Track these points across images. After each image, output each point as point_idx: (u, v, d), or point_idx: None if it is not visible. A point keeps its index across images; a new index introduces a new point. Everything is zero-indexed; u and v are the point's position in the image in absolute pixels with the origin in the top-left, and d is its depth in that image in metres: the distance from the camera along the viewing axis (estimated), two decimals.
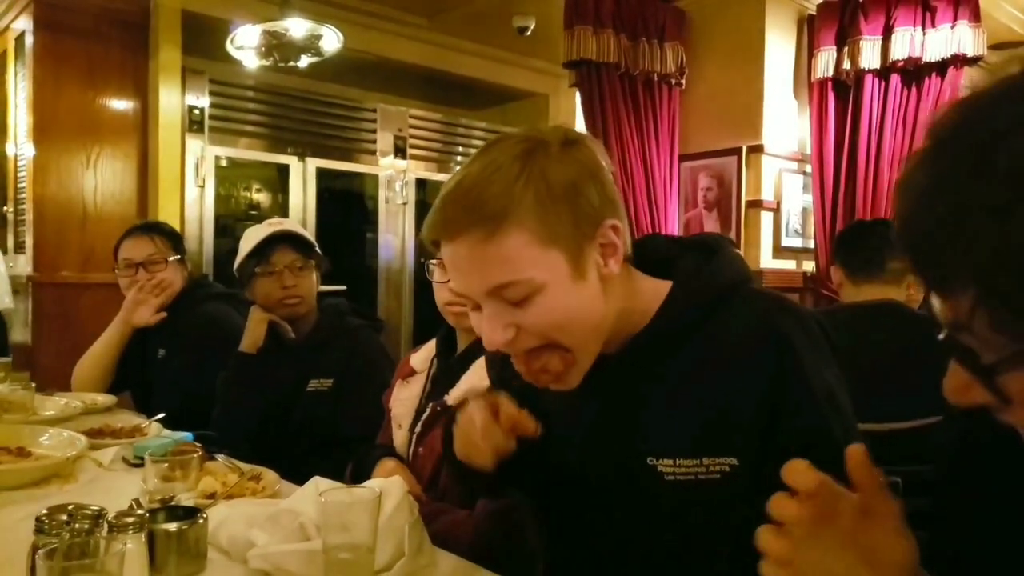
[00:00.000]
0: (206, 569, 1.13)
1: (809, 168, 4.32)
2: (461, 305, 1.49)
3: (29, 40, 3.95)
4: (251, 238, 2.21)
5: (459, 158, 5.28)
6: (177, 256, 2.59)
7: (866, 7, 4.00)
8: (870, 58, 3.98)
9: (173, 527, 1.11)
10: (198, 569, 1.12)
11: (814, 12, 4.26)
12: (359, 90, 5.29)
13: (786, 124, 4.37)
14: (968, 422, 0.65)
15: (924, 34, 3.88)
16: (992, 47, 4.21)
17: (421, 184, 5.12)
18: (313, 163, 4.64)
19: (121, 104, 4.12)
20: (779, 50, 4.32)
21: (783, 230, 4.36)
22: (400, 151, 4.96)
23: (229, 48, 3.51)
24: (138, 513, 1.00)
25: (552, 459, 1.12)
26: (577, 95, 4.33)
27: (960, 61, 3.87)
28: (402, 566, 1.11)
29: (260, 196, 4.72)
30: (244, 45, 3.48)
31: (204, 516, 1.15)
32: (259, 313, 2.21)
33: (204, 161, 4.22)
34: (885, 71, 3.98)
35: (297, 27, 3.36)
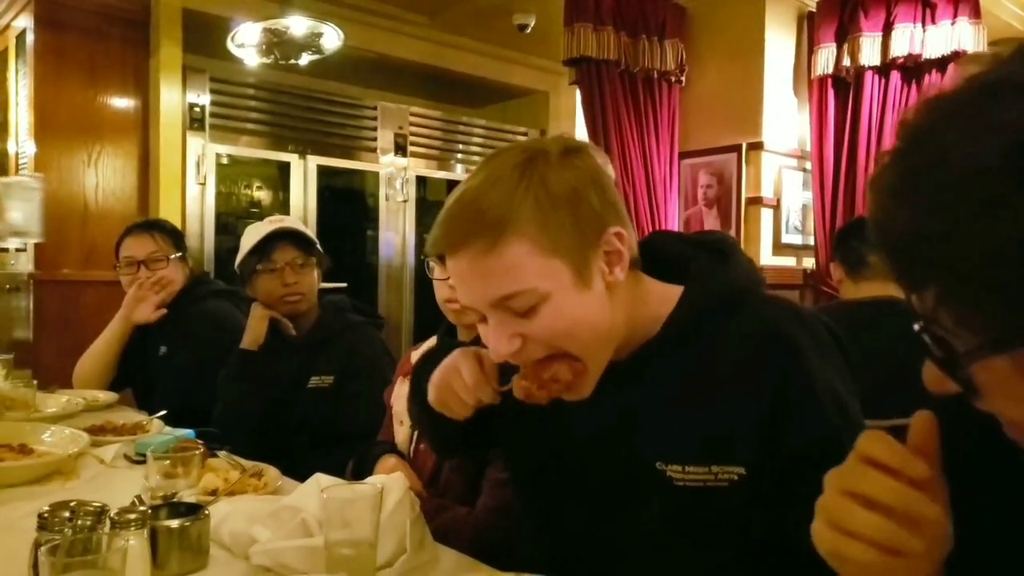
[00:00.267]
0: (208, 565, 1.14)
1: (809, 165, 4.31)
2: (466, 305, 1.49)
3: (30, 38, 3.95)
4: (252, 235, 2.22)
5: (459, 155, 5.28)
6: (178, 254, 2.59)
7: (866, 4, 4.00)
8: (870, 55, 3.98)
9: (175, 523, 1.11)
10: (200, 565, 1.13)
11: (814, 9, 4.25)
12: (360, 88, 5.29)
13: (786, 121, 4.37)
14: (952, 415, 0.65)
15: (924, 31, 3.88)
16: (992, 44, 4.20)
17: (422, 181, 5.12)
18: (314, 161, 4.63)
19: (122, 102, 4.12)
20: (779, 47, 4.32)
21: (783, 227, 4.36)
22: (401, 149, 4.96)
23: (230, 46, 3.52)
24: (140, 509, 1.01)
25: (560, 460, 1.11)
26: (577, 92, 4.33)
27: (960, 58, 3.86)
28: (404, 562, 1.11)
29: (261, 194, 4.72)
30: (245, 43, 3.48)
31: (206, 512, 1.15)
32: (260, 310, 2.21)
33: (205, 159, 4.22)
34: (885, 68, 3.98)
35: (298, 25, 3.37)
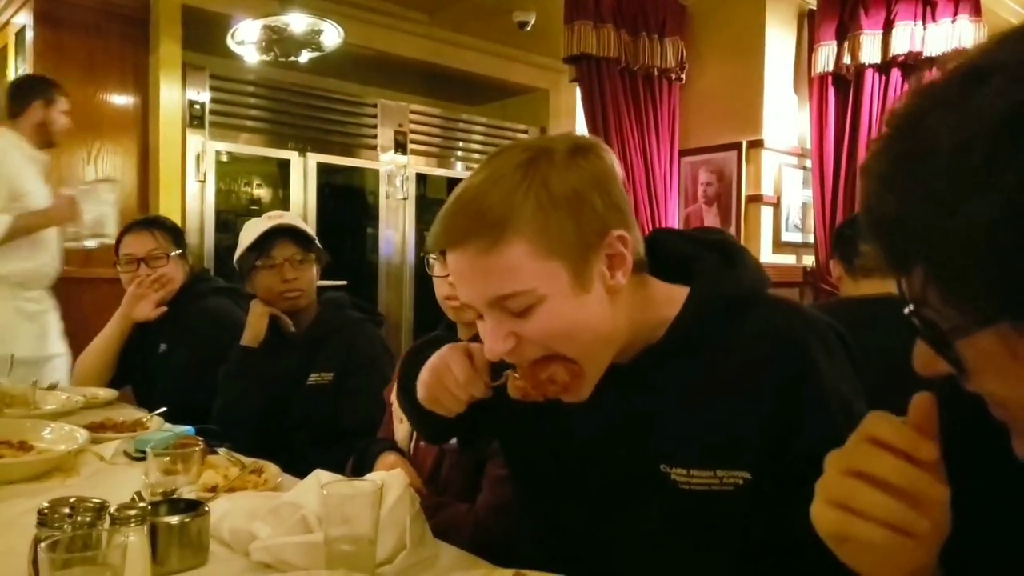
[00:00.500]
0: (208, 562, 1.14)
1: (809, 163, 4.31)
2: (465, 303, 1.49)
3: (29, 35, 3.95)
4: (251, 231, 2.21)
5: (459, 153, 5.28)
6: (178, 251, 2.59)
7: (867, 1, 3.99)
8: (870, 53, 3.97)
9: (175, 520, 1.11)
10: (200, 562, 1.13)
11: (814, 7, 4.25)
12: (359, 85, 5.29)
13: (786, 119, 4.37)
14: (943, 400, 0.66)
15: (925, 29, 3.87)
16: None
17: (422, 179, 5.12)
18: (314, 158, 4.64)
19: (121, 99, 4.12)
20: (779, 45, 4.31)
21: (783, 225, 4.36)
22: (401, 146, 4.96)
23: (230, 43, 3.51)
24: (140, 506, 1.01)
25: (566, 461, 1.11)
26: (577, 90, 4.33)
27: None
28: (404, 558, 1.11)
29: (261, 191, 4.72)
30: (244, 40, 3.48)
31: (206, 509, 1.15)
32: (260, 307, 2.21)
33: (205, 156, 4.22)
34: (885, 66, 3.98)
35: (297, 22, 3.37)
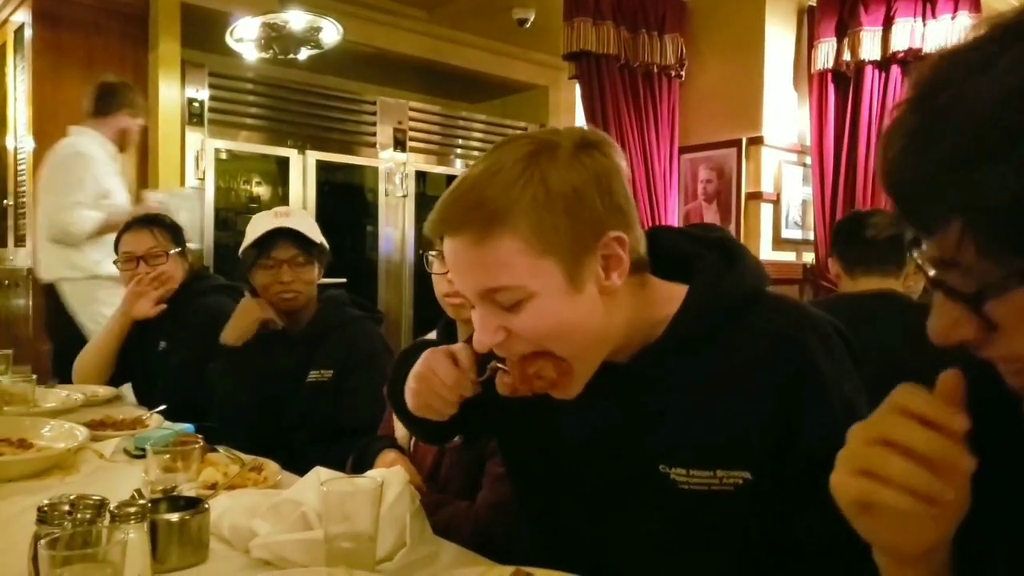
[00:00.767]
0: (208, 559, 1.14)
1: (809, 160, 4.31)
2: (460, 296, 1.49)
3: (28, 33, 3.94)
4: (257, 227, 2.20)
5: (459, 151, 5.27)
6: (177, 249, 2.58)
7: None
8: (870, 49, 3.97)
9: (175, 517, 1.11)
10: (200, 559, 1.13)
11: (814, 3, 4.24)
12: (359, 83, 5.29)
13: (786, 116, 4.37)
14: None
15: (925, 25, 3.87)
16: None
17: (421, 177, 5.12)
18: (313, 156, 4.63)
19: None
20: (779, 41, 4.31)
21: (783, 222, 4.36)
22: (400, 144, 4.96)
23: (229, 41, 3.52)
24: (140, 503, 1.00)
25: (562, 459, 1.11)
26: (577, 87, 4.32)
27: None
28: (404, 556, 1.11)
29: (260, 189, 4.72)
30: (244, 38, 3.48)
31: (206, 506, 1.15)
32: (252, 308, 2.19)
33: (204, 154, 4.22)
34: (885, 62, 3.97)
35: (296, 20, 3.37)
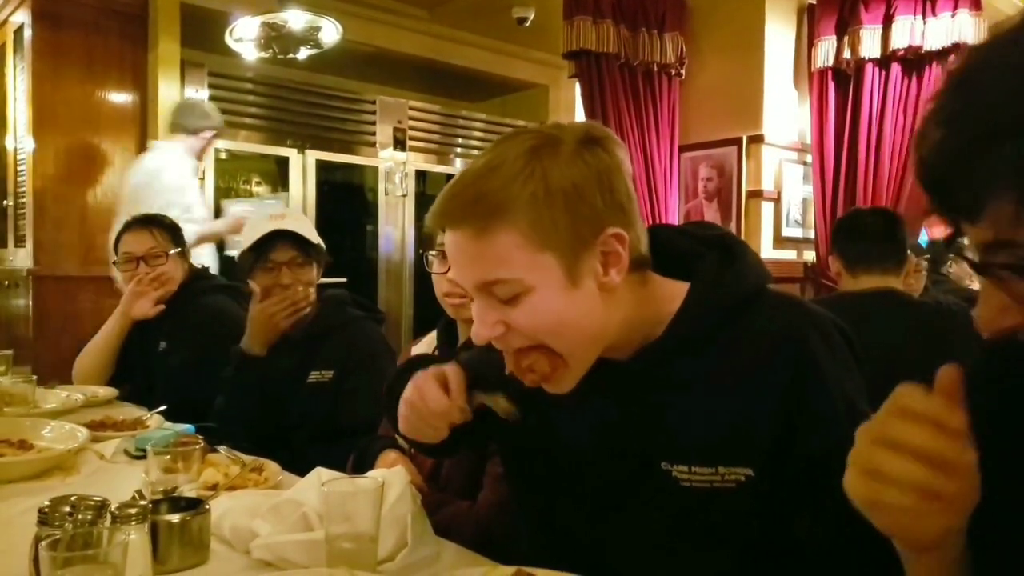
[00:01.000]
0: (209, 560, 1.13)
1: (809, 158, 4.31)
2: (460, 296, 1.49)
3: (28, 33, 3.94)
4: (253, 231, 2.19)
5: (459, 150, 5.27)
6: (177, 249, 2.58)
7: None
8: (870, 47, 3.97)
9: (176, 518, 1.11)
10: (201, 560, 1.13)
11: (814, 1, 4.24)
12: (358, 82, 5.28)
13: (786, 114, 4.36)
14: (977, 376, 0.65)
15: (925, 23, 3.87)
16: None
17: (421, 176, 5.12)
18: (313, 155, 4.63)
19: (120, 97, 4.11)
20: (779, 40, 4.30)
21: (783, 220, 4.35)
22: (400, 143, 4.96)
23: (228, 40, 3.51)
24: (141, 504, 1.00)
25: (560, 459, 1.11)
26: (577, 86, 4.32)
27: (961, 50, 3.85)
28: (405, 556, 1.11)
29: (260, 188, 4.72)
30: (243, 37, 3.48)
31: (206, 507, 1.15)
32: (266, 318, 2.15)
33: (204, 154, 4.20)
34: (885, 60, 3.97)
35: (296, 19, 3.37)
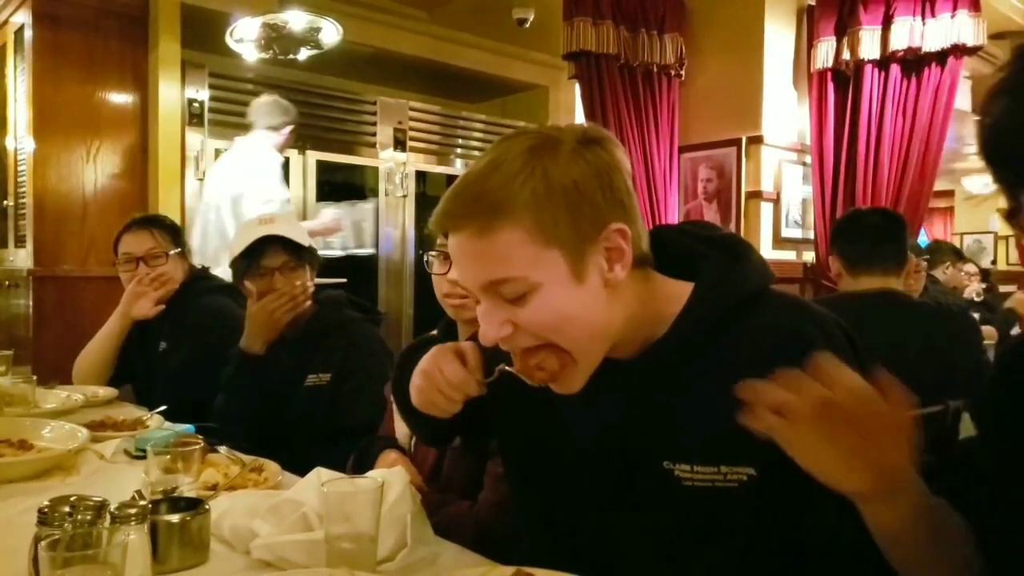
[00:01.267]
0: (208, 560, 1.14)
1: (809, 159, 4.31)
2: (460, 297, 1.49)
3: (28, 34, 3.94)
4: (243, 237, 2.18)
5: (459, 151, 5.27)
6: (177, 249, 2.58)
7: None
8: (870, 48, 3.97)
9: (175, 518, 1.11)
10: (201, 560, 1.13)
11: (813, 2, 4.24)
12: (359, 83, 5.28)
13: (786, 115, 4.36)
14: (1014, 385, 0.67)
15: (924, 24, 3.87)
16: (992, 37, 4.19)
17: (421, 177, 5.11)
18: (313, 156, 4.62)
19: (121, 97, 4.11)
20: (779, 41, 4.31)
21: (783, 221, 4.35)
22: (400, 144, 4.95)
23: (228, 41, 3.51)
24: (140, 504, 1.00)
25: (562, 458, 1.11)
26: (577, 87, 4.32)
27: (960, 51, 3.85)
28: (405, 556, 1.11)
29: None
30: (243, 38, 3.48)
31: (206, 507, 1.15)
32: (265, 320, 2.15)
33: (204, 154, 4.21)
34: (885, 61, 3.97)
35: (296, 20, 3.37)
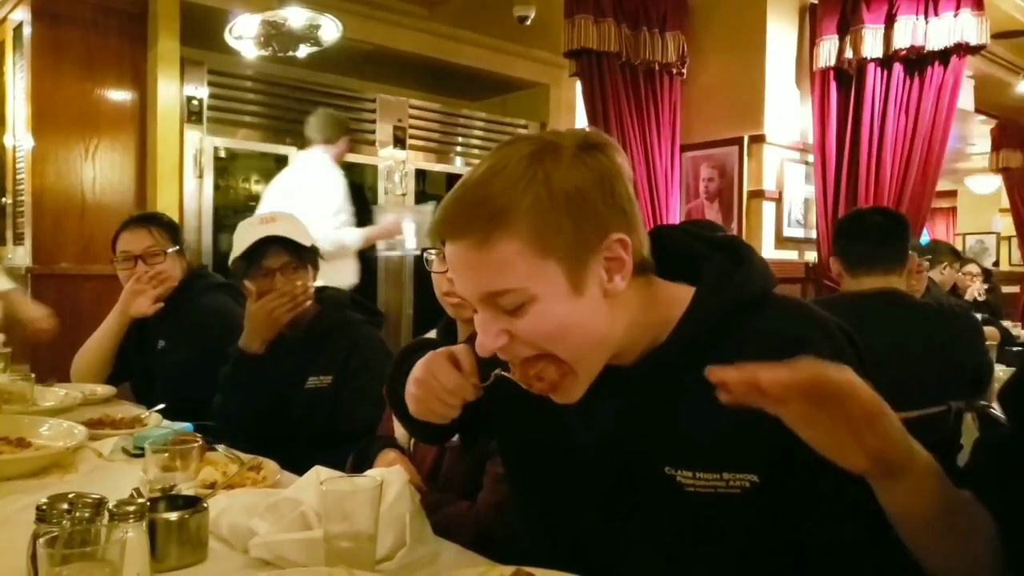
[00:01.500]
0: (207, 558, 1.13)
1: (811, 158, 4.31)
2: (460, 295, 1.48)
3: (27, 31, 3.93)
4: (243, 237, 2.16)
5: (459, 149, 5.26)
6: (175, 247, 2.57)
7: None
8: (872, 47, 3.96)
9: (174, 516, 1.10)
10: (199, 558, 1.12)
11: (816, 1, 4.24)
12: (358, 80, 5.27)
13: (788, 114, 4.36)
14: None
15: (927, 22, 3.86)
16: (995, 36, 4.19)
17: (421, 175, 5.11)
18: None
19: (119, 95, 4.10)
20: (781, 39, 4.30)
21: (785, 220, 4.35)
22: (400, 142, 4.95)
23: (228, 38, 3.50)
24: (139, 502, 1.00)
25: (563, 461, 1.10)
26: (578, 85, 4.31)
27: (963, 49, 3.85)
28: (404, 555, 1.10)
29: (259, 187, 4.70)
30: (243, 35, 3.47)
31: (205, 505, 1.15)
32: (265, 318, 2.13)
33: (203, 152, 4.21)
34: (887, 60, 3.97)
35: (296, 16, 3.36)
